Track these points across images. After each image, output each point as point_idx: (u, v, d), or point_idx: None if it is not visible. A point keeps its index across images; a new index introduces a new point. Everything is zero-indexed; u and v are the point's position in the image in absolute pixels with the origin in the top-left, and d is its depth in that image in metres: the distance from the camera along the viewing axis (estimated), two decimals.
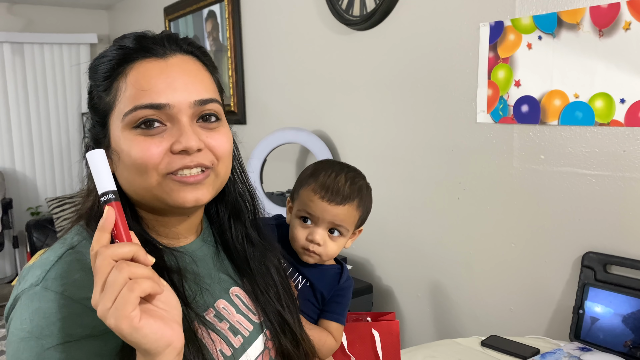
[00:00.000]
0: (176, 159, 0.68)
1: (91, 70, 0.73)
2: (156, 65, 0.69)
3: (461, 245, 1.80)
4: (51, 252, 0.68)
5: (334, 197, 1.00)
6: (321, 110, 2.34)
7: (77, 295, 0.62)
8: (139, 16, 3.91)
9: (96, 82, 0.72)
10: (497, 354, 1.37)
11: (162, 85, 0.68)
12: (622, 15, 1.32)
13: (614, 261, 1.38)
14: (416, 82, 1.89)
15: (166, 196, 0.69)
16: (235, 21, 2.76)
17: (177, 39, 0.73)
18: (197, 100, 0.69)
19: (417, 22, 1.86)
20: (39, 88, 4.11)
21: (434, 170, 1.86)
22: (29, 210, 4.09)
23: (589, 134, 1.42)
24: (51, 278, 0.63)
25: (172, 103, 0.67)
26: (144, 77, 0.68)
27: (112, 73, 0.70)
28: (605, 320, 1.36)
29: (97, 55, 0.74)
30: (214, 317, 0.75)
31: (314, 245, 1.01)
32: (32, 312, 0.61)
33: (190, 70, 0.71)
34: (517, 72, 1.56)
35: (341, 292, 1.07)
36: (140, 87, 0.67)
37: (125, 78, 0.69)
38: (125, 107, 0.67)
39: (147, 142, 0.67)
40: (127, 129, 0.68)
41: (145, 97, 0.67)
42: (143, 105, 0.67)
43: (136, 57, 0.69)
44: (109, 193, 0.58)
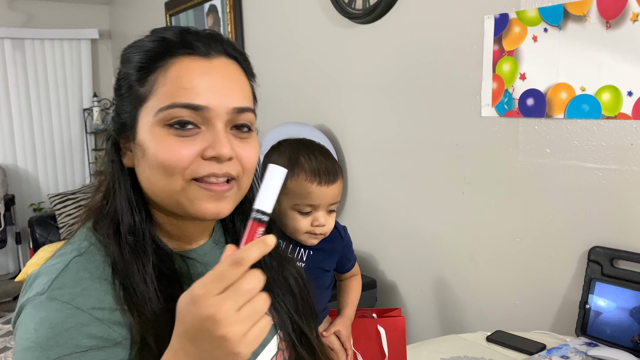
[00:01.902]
0: (205, 165, 0.65)
1: (125, 58, 0.70)
2: (200, 65, 0.66)
3: (466, 239, 1.79)
4: (58, 258, 0.65)
5: (329, 177, 1.03)
6: (324, 104, 2.32)
7: (85, 305, 0.60)
8: (140, 11, 3.90)
9: (129, 70, 0.68)
10: (503, 350, 1.36)
11: (204, 87, 0.65)
12: (630, 7, 1.30)
13: (620, 256, 1.37)
14: (420, 76, 1.87)
15: (188, 204, 0.66)
16: (236, 15, 2.74)
17: (222, 40, 0.70)
18: (236, 107, 0.67)
19: (421, 15, 1.84)
20: (40, 84, 4.10)
21: (438, 164, 1.85)
22: (32, 206, 4.09)
23: (595, 127, 1.40)
24: (57, 287, 0.61)
25: (211, 106, 0.64)
26: (186, 74, 0.65)
27: (149, 64, 0.66)
28: (612, 315, 1.35)
29: (132, 43, 0.70)
30: None
31: (319, 228, 1.04)
32: (38, 322, 0.59)
33: (232, 75, 0.69)
34: (522, 65, 1.54)
35: (348, 243, 1.20)
36: (180, 84, 0.64)
37: (164, 72, 0.65)
38: (161, 102, 0.64)
39: (178, 143, 0.64)
40: (159, 125, 0.65)
41: (184, 95, 0.64)
42: (181, 104, 0.64)
43: (179, 52, 0.66)
44: (266, 214, 0.55)
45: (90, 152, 4.32)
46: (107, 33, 4.43)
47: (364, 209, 2.20)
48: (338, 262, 1.18)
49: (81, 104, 4.27)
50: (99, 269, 0.64)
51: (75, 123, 4.26)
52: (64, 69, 4.18)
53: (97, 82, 4.41)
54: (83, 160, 4.33)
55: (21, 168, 4.12)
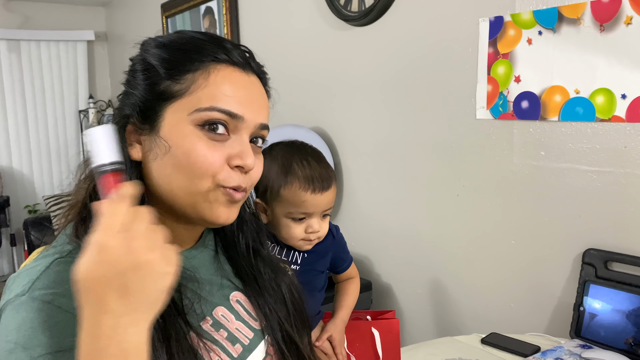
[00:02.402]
0: (234, 175, 0.67)
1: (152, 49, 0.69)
2: (241, 78, 0.70)
3: (461, 242, 1.79)
4: (39, 260, 0.64)
5: (322, 185, 1.02)
6: (320, 107, 2.32)
7: (66, 305, 0.58)
8: (136, 13, 3.89)
9: (156, 62, 0.68)
10: (498, 352, 1.36)
11: (244, 98, 0.68)
12: (624, 10, 1.30)
13: (614, 258, 1.37)
14: (415, 78, 1.87)
15: (206, 206, 0.67)
16: (232, 17, 2.74)
17: (254, 58, 0.74)
18: (262, 123, 0.71)
19: (416, 17, 1.85)
20: (36, 85, 4.09)
21: (434, 166, 1.85)
22: (27, 208, 4.07)
23: (589, 130, 1.41)
24: (38, 288, 0.60)
25: (246, 117, 0.68)
26: (230, 83, 0.68)
27: (188, 64, 0.67)
28: (606, 317, 1.35)
29: (159, 37, 0.71)
30: (211, 326, 0.72)
31: (314, 234, 1.04)
32: (19, 323, 0.57)
33: (262, 93, 0.73)
34: (517, 68, 1.54)
35: (341, 241, 1.19)
36: (224, 90, 0.67)
37: (207, 75, 0.67)
38: (201, 103, 0.66)
39: (210, 146, 0.66)
40: (192, 124, 0.66)
41: (226, 102, 0.67)
42: (221, 109, 0.66)
43: (221, 59, 0.69)
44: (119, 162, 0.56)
45: (86, 154, 4.31)
46: (104, 35, 4.42)
47: (359, 211, 2.20)
48: (331, 262, 1.17)
49: (77, 105, 4.26)
50: None
51: (71, 125, 4.25)
52: (59, 71, 4.17)
53: (93, 84, 4.40)
54: (78, 162, 4.31)
55: (16, 169, 4.11)
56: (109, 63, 4.47)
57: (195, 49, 0.68)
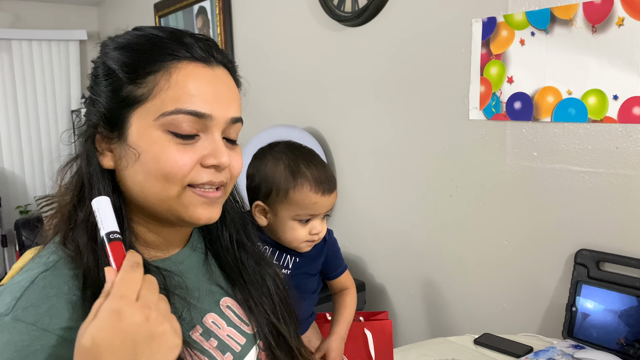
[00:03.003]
0: (204, 172, 0.66)
1: (111, 53, 0.67)
2: (205, 73, 0.66)
3: (454, 242, 1.79)
4: (24, 274, 0.62)
5: (330, 186, 1.03)
6: (313, 107, 2.32)
7: (52, 325, 0.57)
8: (128, 12, 3.88)
9: (117, 66, 0.65)
10: (491, 352, 1.36)
11: (209, 95, 0.66)
12: (615, 11, 1.31)
13: (606, 258, 1.37)
14: (408, 79, 1.87)
15: (182, 209, 0.66)
16: (225, 17, 2.74)
17: (219, 49, 0.70)
18: (233, 117, 0.69)
19: (410, 18, 1.85)
20: (28, 85, 4.06)
21: (427, 167, 1.85)
22: (18, 208, 4.05)
23: (582, 131, 1.41)
24: (22, 307, 0.57)
25: (214, 115, 0.66)
26: (193, 81, 0.65)
27: (147, 66, 0.64)
28: (598, 318, 1.35)
29: (117, 38, 0.68)
30: (201, 335, 0.70)
31: (316, 235, 1.05)
32: (3, 345, 0.55)
33: (230, 85, 0.70)
34: (509, 69, 1.55)
35: (333, 246, 1.17)
36: (187, 90, 0.64)
37: (168, 75, 0.64)
38: (165, 106, 0.63)
39: (180, 150, 0.64)
40: (159, 129, 0.64)
41: (190, 102, 0.64)
42: (186, 111, 0.64)
43: (181, 56, 0.66)
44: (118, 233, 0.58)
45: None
46: (96, 34, 4.40)
47: (352, 212, 2.19)
48: (324, 265, 1.16)
49: (69, 105, 4.23)
50: (67, 284, 0.61)
51: (63, 125, 4.21)
52: (51, 70, 4.14)
53: (86, 84, 4.33)
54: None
55: (8, 170, 4.08)
56: None
57: (154, 48, 0.66)
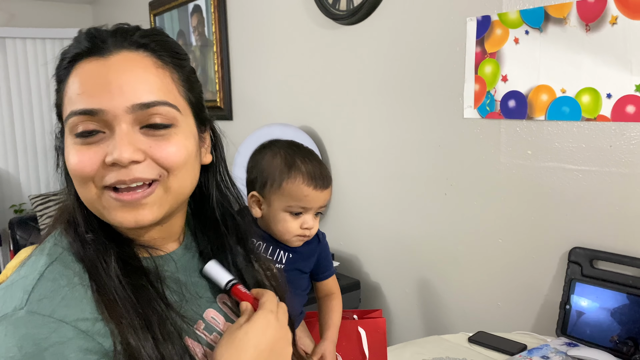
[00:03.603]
0: (110, 171, 0.61)
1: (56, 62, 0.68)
2: (95, 66, 0.62)
3: (448, 240, 1.79)
4: (30, 267, 0.62)
5: (324, 182, 1.06)
6: (308, 105, 2.32)
7: (68, 317, 0.57)
8: (123, 11, 3.86)
9: (55, 76, 0.67)
10: (485, 350, 1.36)
11: (96, 88, 0.61)
12: (609, 10, 1.31)
13: (600, 256, 1.38)
14: (403, 77, 1.87)
15: (105, 212, 0.63)
16: (220, 15, 2.73)
17: (128, 31, 0.65)
18: (137, 104, 0.61)
19: (404, 16, 1.85)
20: (22, 83, 4.04)
21: (421, 166, 1.85)
22: (12, 207, 4.03)
23: (575, 129, 1.42)
24: (36, 300, 0.57)
25: (105, 108, 0.60)
26: (80, 79, 0.62)
27: (60, 71, 0.65)
28: (592, 316, 1.36)
29: None
30: (204, 329, 0.71)
31: (308, 230, 1.07)
32: (20, 339, 0.55)
33: (132, 68, 0.62)
34: (504, 67, 1.55)
35: (325, 248, 1.20)
36: (75, 90, 0.62)
37: (67, 79, 0.64)
38: (65, 111, 0.63)
39: (83, 151, 0.62)
40: (71, 134, 0.63)
41: (79, 102, 0.61)
42: (77, 111, 0.61)
43: (80, 57, 0.63)
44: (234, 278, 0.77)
45: None
46: None
47: (347, 210, 2.19)
48: (315, 266, 1.18)
49: None
50: (76, 275, 0.61)
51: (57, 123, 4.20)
52: (46, 69, 4.12)
53: None
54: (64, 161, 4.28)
55: (2, 169, 4.06)
56: None
57: (66, 52, 0.65)
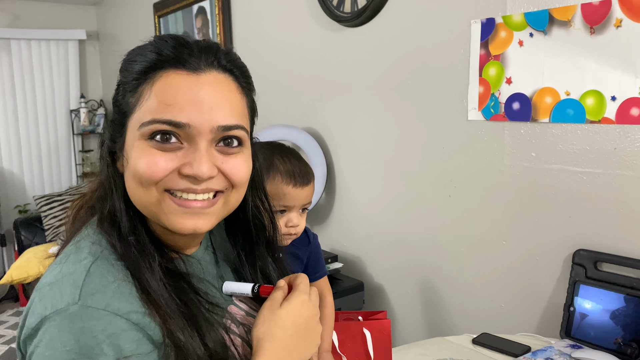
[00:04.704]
0: (181, 180, 0.64)
1: (124, 64, 0.68)
2: (186, 80, 0.64)
3: (452, 242, 1.80)
4: (74, 265, 0.63)
5: (303, 180, 1.06)
6: (311, 107, 2.32)
7: (121, 309, 0.60)
8: (128, 12, 3.87)
9: (126, 78, 0.67)
10: (489, 352, 1.36)
11: (187, 103, 0.63)
12: (614, 13, 1.31)
13: (604, 258, 1.38)
14: (407, 79, 1.88)
15: (163, 217, 0.65)
16: (225, 17, 2.74)
17: (218, 52, 0.68)
18: (222, 125, 0.65)
19: (409, 18, 1.85)
20: (27, 85, 4.05)
21: (425, 167, 1.85)
22: (17, 208, 4.04)
23: (580, 132, 1.42)
24: (88, 294, 0.59)
25: (193, 124, 0.63)
26: (170, 90, 0.63)
27: (140, 76, 0.65)
28: (596, 318, 1.36)
29: (134, 48, 0.69)
30: (232, 323, 0.74)
31: (293, 228, 1.08)
32: (77, 332, 0.57)
33: (222, 90, 0.66)
34: (508, 70, 1.55)
35: (315, 249, 1.20)
36: (163, 100, 0.63)
37: (151, 85, 0.64)
38: (144, 116, 0.64)
39: (158, 156, 0.63)
40: (142, 138, 0.64)
41: (166, 112, 0.63)
42: (162, 120, 0.63)
43: (168, 65, 0.65)
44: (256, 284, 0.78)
45: (77, 154, 4.28)
46: (95, 34, 4.40)
47: (351, 212, 2.20)
48: (305, 268, 1.18)
49: (68, 105, 4.23)
50: (120, 271, 0.63)
51: (62, 124, 4.21)
52: (50, 70, 4.14)
53: (85, 83, 4.37)
54: (70, 162, 4.29)
55: (7, 169, 4.08)
56: (101, 62, 4.44)
57: (148, 58, 0.65)
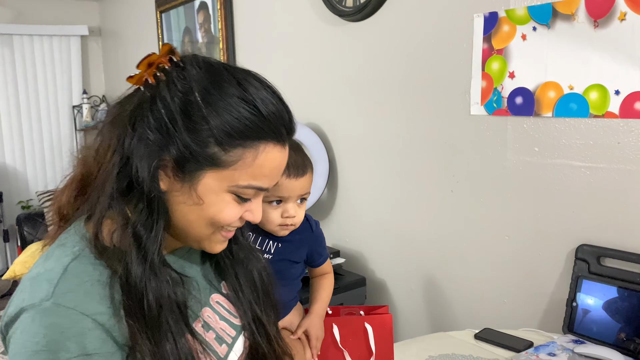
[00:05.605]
0: (239, 222, 0.74)
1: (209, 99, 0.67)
2: (280, 155, 0.72)
3: (455, 237, 1.79)
4: (54, 262, 0.67)
5: (297, 171, 1.05)
6: (314, 102, 2.32)
7: (89, 310, 0.63)
8: (130, 7, 3.87)
9: (219, 129, 0.67)
10: (491, 347, 1.36)
11: (276, 175, 0.73)
12: (618, 6, 1.30)
13: (607, 254, 1.38)
14: (410, 74, 1.87)
15: (207, 244, 0.74)
16: (227, 12, 2.73)
17: (294, 122, 0.75)
18: None
19: (411, 13, 1.84)
20: (29, 80, 4.06)
21: (428, 162, 1.85)
22: (20, 204, 4.05)
23: (583, 126, 1.41)
24: (61, 293, 0.63)
25: (270, 187, 0.73)
26: (271, 164, 0.71)
27: (241, 140, 0.68)
28: (599, 313, 1.35)
29: (227, 100, 0.68)
30: (202, 327, 0.75)
31: (290, 219, 1.07)
32: (47, 327, 0.62)
33: None
34: (511, 64, 1.54)
35: (319, 236, 1.20)
36: (263, 172, 0.70)
37: (255, 154, 0.69)
38: (241, 179, 0.69)
39: (237, 208, 0.72)
40: (227, 192, 0.70)
41: (262, 181, 0.71)
42: (256, 187, 0.71)
43: (270, 138, 0.70)
44: None
45: (80, 150, 4.28)
46: (97, 30, 4.39)
47: (353, 207, 2.19)
48: (308, 255, 1.18)
49: (71, 101, 4.23)
50: (96, 271, 0.66)
51: (64, 120, 4.22)
52: (53, 66, 4.14)
53: (87, 79, 4.37)
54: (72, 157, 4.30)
55: (9, 165, 4.08)
56: (103, 58, 4.44)
57: (255, 127, 0.68)
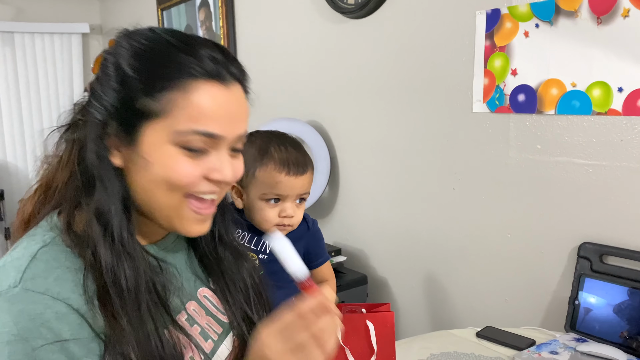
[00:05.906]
0: (206, 184, 0.68)
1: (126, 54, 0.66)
2: (221, 93, 0.67)
3: (456, 235, 1.79)
4: (22, 250, 0.65)
5: (298, 169, 1.04)
6: (315, 100, 2.31)
7: (62, 294, 0.61)
8: (131, 5, 3.87)
9: (140, 77, 0.65)
10: (493, 345, 1.36)
11: (224, 117, 0.67)
12: (621, 2, 1.30)
13: (610, 252, 1.37)
14: (412, 71, 1.86)
15: (178, 222, 0.69)
16: (228, 10, 2.73)
17: (235, 62, 0.71)
18: (242, 135, 0.71)
19: (413, 10, 1.83)
20: (30, 78, 4.05)
21: (430, 160, 1.84)
22: (21, 202, 4.05)
23: (586, 124, 1.41)
24: (29, 278, 0.60)
25: (226, 136, 0.67)
26: (209, 102, 0.65)
27: (165, 82, 0.64)
28: (601, 311, 1.35)
29: (144, 43, 0.67)
30: (186, 320, 0.73)
31: (288, 219, 1.05)
32: (16, 315, 0.58)
33: (243, 102, 0.71)
34: (513, 61, 1.54)
35: (316, 235, 1.16)
36: (203, 111, 0.65)
37: (184, 94, 0.64)
38: (180, 125, 0.64)
39: (187, 163, 0.66)
40: (171, 144, 0.65)
41: (205, 124, 0.65)
42: (201, 132, 0.65)
43: (199, 74, 0.65)
44: None
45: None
46: (99, 27, 4.39)
47: (355, 205, 2.19)
48: (305, 254, 1.16)
49: (72, 98, 4.23)
50: (68, 259, 0.64)
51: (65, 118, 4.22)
52: (54, 63, 4.13)
53: (88, 77, 4.36)
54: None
55: (11, 163, 4.08)
56: None
57: (171, 62, 0.65)
